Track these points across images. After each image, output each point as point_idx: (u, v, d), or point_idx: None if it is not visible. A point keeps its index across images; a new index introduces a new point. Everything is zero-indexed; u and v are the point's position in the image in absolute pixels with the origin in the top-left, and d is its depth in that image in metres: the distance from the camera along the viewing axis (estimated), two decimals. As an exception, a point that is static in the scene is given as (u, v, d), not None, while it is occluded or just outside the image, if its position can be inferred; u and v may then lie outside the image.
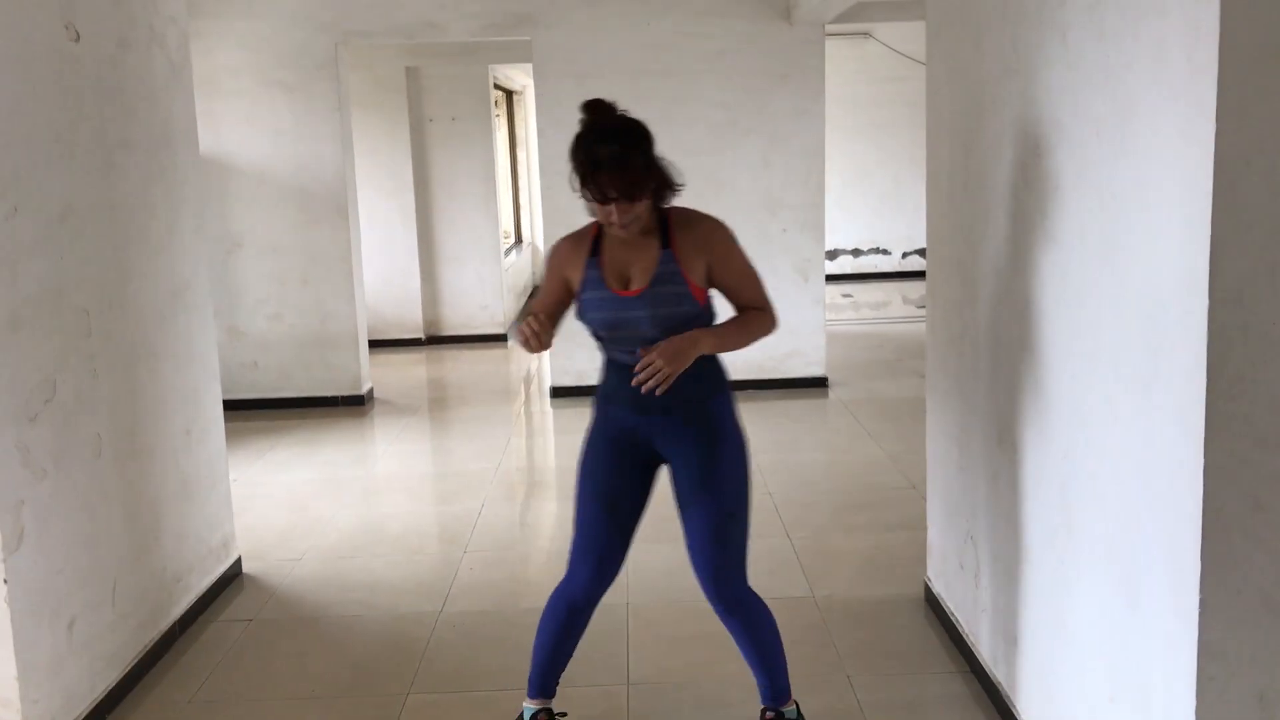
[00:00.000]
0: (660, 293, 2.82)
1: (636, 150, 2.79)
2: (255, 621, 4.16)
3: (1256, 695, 2.10)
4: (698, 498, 2.88)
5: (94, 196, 3.55)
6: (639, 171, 2.75)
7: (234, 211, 7.66)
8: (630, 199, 2.75)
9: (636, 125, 2.86)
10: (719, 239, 2.88)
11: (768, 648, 3.02)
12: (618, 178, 2.72)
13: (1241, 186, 1.95)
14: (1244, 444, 2.02)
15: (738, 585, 2.93)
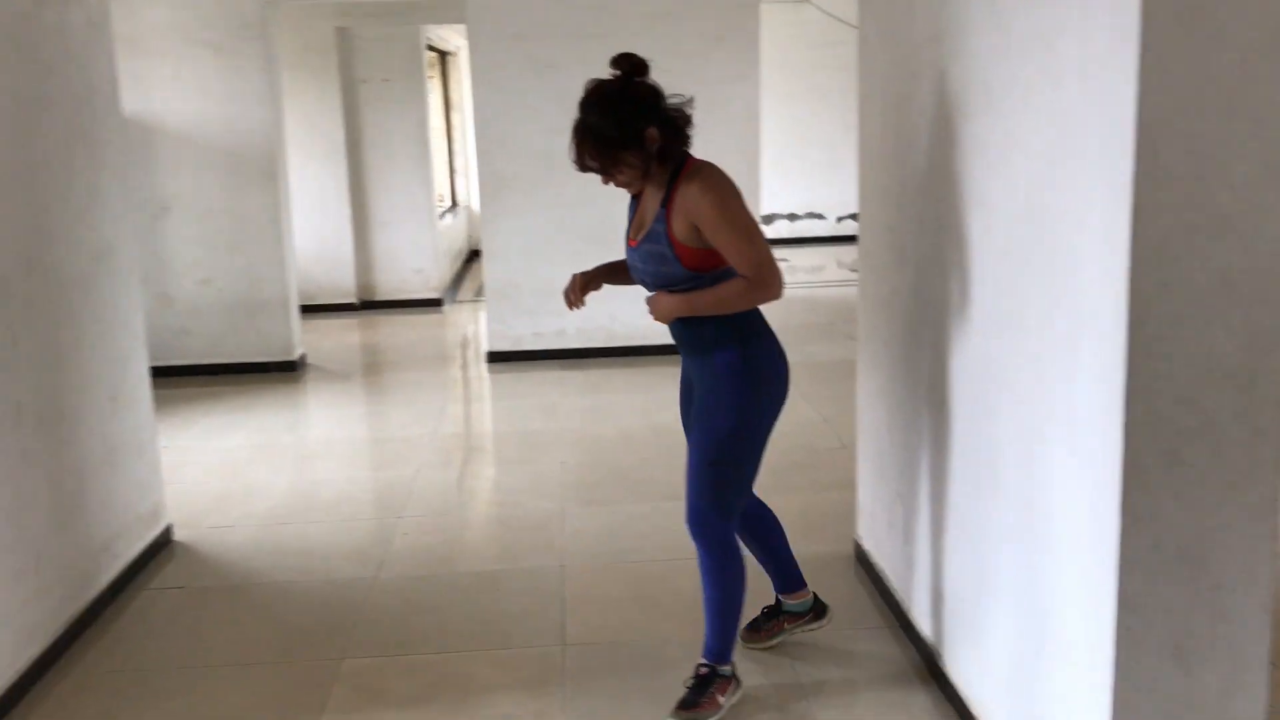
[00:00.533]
0: (648, 250, 2.95)
1: (607, 120, 2.82)
2: (186, 589, 4.11)
3: (1173, 646, 2.16)
4: (691, 438, 3.05)
5: (10, 157, 3.45)
6: (606, 146, 2.83)
7: (161, 175, 7.49)
8: (599, 171, 2.88)
9: (622, 94, 2.86)
10: (705, 202, 2.82)
11: (716, 603, 3.08)
12: (593, 149, 2.85)
13: (1162, 148, 1.98)
14: (1163, 401, 2.07)
15: (702, 521, 3.02)
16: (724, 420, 2.95)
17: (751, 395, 2.96)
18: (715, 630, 3.11)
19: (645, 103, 2.86)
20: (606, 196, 7.80)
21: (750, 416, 2.97)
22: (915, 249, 3.27)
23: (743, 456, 3.02)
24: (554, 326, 7.81)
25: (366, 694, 3.31)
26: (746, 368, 2.95)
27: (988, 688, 2.87)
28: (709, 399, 2.98)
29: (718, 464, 2.99)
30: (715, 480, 3.00)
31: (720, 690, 3.09)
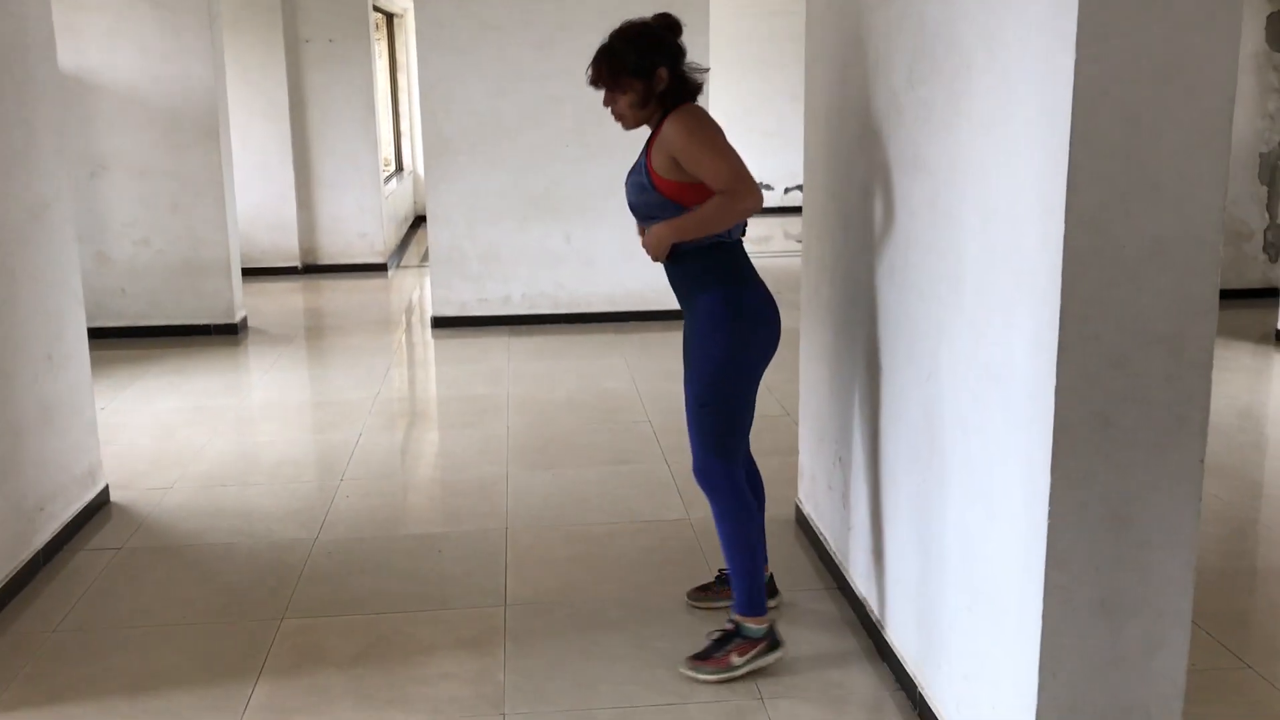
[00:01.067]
0: (633, 181, 3.11)
1: (627, 46, 3.04)
2: (123, 550, 4.07)
3: (1099, 602, 2.22)
4: (685, 381, 3.14)
5: (-59, 106, 3.37)
6: (619, 63, 3.01)
7: (98, 132, 7.34)
8: (613, 86, 3.04)
9: (648, 32, 3.08)
10: (676, 129, 2.97)
11: (730, 550, 3.14)
12: (601, 64, 3.05)
13: (1099, 115, 2.02)
14: (1095, 364, 2.11)
15: (705, 467, 3.11)
16: (710, 361, 3.04)
17: (736, 337, 3.03)
18: (737, 579, 3.15)
19: (665, 48, 3.06)
20: (553, 160, 7.82)
21: (737, 356, 3.03)
22: (858, 214, 3.30)
23: (732, 397, 3.07)
24: (499, 292, 7.78)
25: (305, 653, 3.30)
26: (729, 310, 3.02)
27: (922, 645, 2.92)
28: (696, 342, 3.08)
29: (708, 406, 3.06)
30: (710, 423, 3.08)
31: (739, 650, 3.11)
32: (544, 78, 7.50)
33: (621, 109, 3.08)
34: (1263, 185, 8.33)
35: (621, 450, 5.10)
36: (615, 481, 4.69)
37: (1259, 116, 8.22)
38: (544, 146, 7.62)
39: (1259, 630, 3.51)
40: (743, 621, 3.15)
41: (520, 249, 7.75)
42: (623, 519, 4.28)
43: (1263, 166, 8.29)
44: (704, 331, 3.05)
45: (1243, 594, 3.71)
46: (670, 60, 3.05)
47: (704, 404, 3.07)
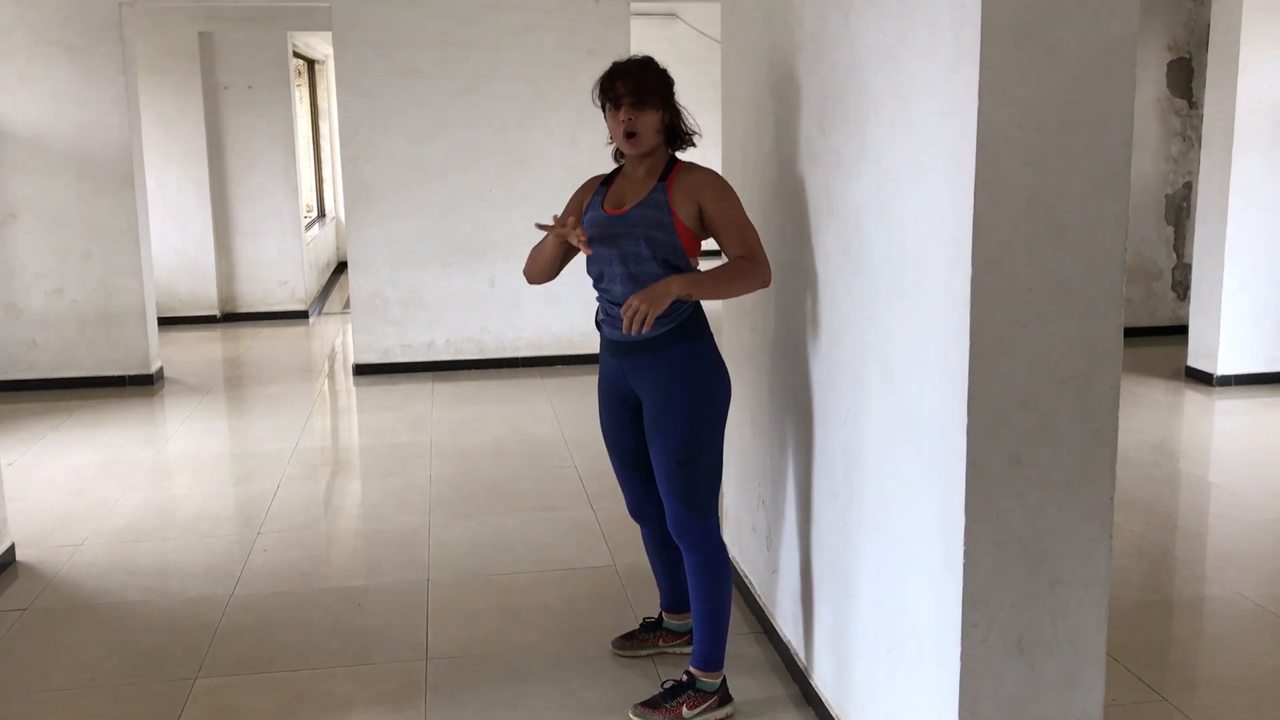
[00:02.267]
0: (644, 214, 2.98)
1: (655, 67, 3.05)
2: (29, 611, 3.93)
3: (1016, 640, 2.23)
4: (653, 442, 3.04)
5: None
6: (652, 80, 3.01)
7: (8, 179, 7.18)
8: (639, 102, 2.97)
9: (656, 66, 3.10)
10: (712, 185, 2.98)
11: (703, 606, 3.09)
12: (631, 80, 2.98)
13: (1002, 160, 2.06)
14: (1004, 403, 2.14)
15: (683, 525, 3.05)
16: (690, 418, 2.98)
17: (708, 388, 3.00)
18: (703, 635, 3.11)
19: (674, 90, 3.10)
20: (477, 205, 7.80)
21: (711, 408, 3.01)
22: (775, 259, 3.32)
23: (709, 450, 3.02)
24: (423, 338, 7.72)
25: (220, 713, 3.21)
26: (702, 362, 3.00)
27: (844, 688, 2.92)
28: (668, 399, 2.98)
29: (686, 464, 2.99)
30: (689, 480, 3.01)
31: (690, 703, 3.08)
32: (467, 123, 7.50)
33: (642, 126, 2.98)
34: (1169, 226, 8.57)
35: (546, 496, 5.06)
36: (540, 529, 4.65)
37: (1163, 159, 8.48)
38: (468, 191, 7.61)
39: (1175, 663, 3.57)
40: (699, 675, 3.12)
41: (444, 294, 7.71)
42: (547, 567, 4.23)
43: (1168, 208, 8.55)
44: (677, 386, 2.97)
45: (1158, 627, 3.77)
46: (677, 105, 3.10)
47: (682, 462, 2.99)
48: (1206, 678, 3.45)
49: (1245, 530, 4.59)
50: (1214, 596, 3.98)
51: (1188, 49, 8.35)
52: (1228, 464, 5.64)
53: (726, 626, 3.14)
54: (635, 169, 3.08)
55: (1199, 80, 8.28)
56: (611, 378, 3.15)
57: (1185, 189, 8.51)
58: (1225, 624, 3.77)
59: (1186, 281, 8.47)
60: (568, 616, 3.81)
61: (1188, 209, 8.50)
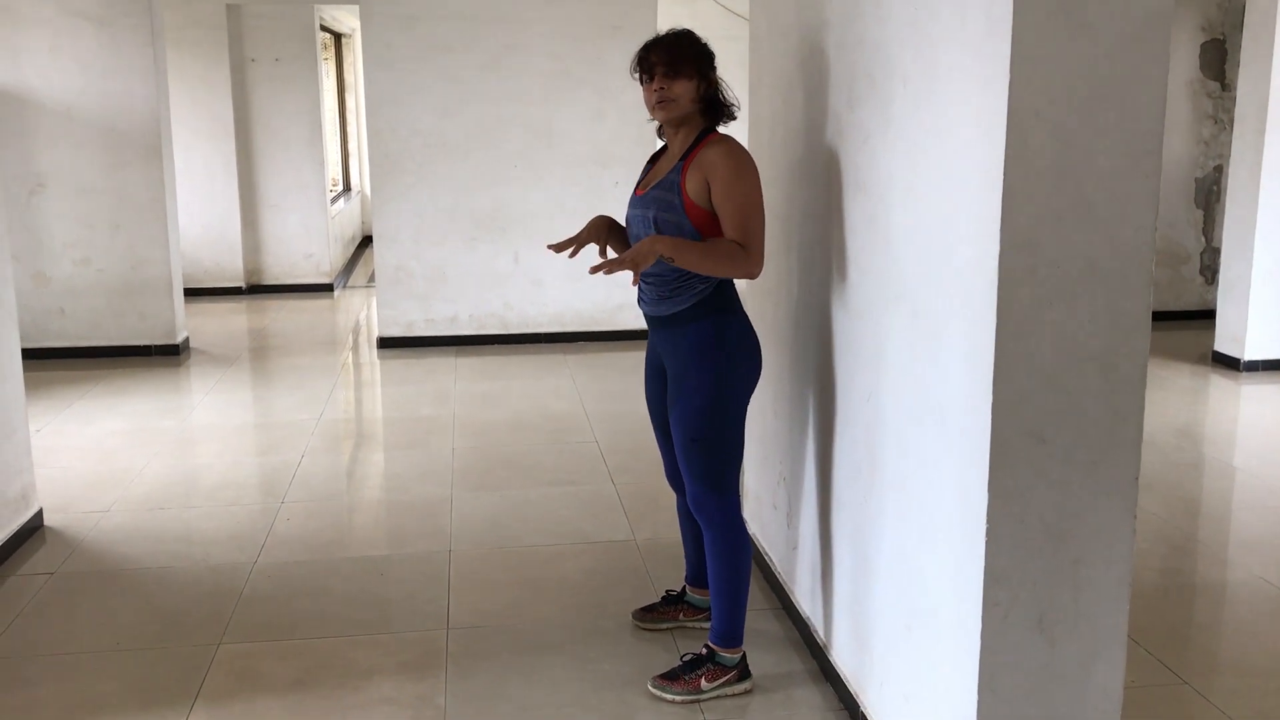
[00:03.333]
0: (656, 196, 2.97)
1: (691, 38, 3.00)
2: (57, 575, 3.98)
3: (1036, 618, 2.23)
4: (671, 415, 3.06)
5: None
6: (687, 50, 2.96)
7: (37, 150, 7.22)
8: (673, 71, 2.94)
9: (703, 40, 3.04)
10: (724, 161, 2.88)
11: (721, 583, 3.10)
12: (665, 49, 2.95)
13: (1031, 137, 2.04)
14: (1030, 381, 2.13)
15: (700, 501, 3.06)
16: (701, 395, 2.97)
17: (726, 366, 2.98)
18: (720, 611, 3.12)
19: (713, 63, 3.03)
20: (501, 181, 7.81)
21: (726, 387, 2.98)
22: (801, 236, 3.32)
23: (725, 428, 3.01)
24: (446, 313, 7.74)
25: (242, 678, 3.25)
26: (719, 339, 2.97)
27: (863, 665, 2.93)
28: (684, 374, 3.00)
29: (702, 440, 3.00)
30: (704, 457, 3.01)
31: (709, 675, 3.10)
32: (492, 99, 7.50)
33: (676, 93, 2.94)
34: (1199, 209, 8.50)
35: (567, 471, 5.08)
36: (560, 503, 4.67)
37: (1194, 142, 8.39)
38: (492, 167, 7.61)
39: (1196, 646, 3.56)
40: (717, 649, 3.14)
41: (467, 269, 7.72)
42: (567, 540, 4.25)
43: (1198, 191, 8.47)
44: (694, 363, 2.98)
45: (1181, 610, 3.76)
46: (716, 77, 3.03)
47: (696, 439, 3.00)
48: (1228, 662, 3.43)
49: (1269, 515, 4.57)
50: (1237, 581, 3.96)
51: (1221, 30, 8.25)
52: (1253, 449, 5.61)
53: (744, 604, 3.14)
54: (671, 143, 3.08)
55: (1232, 62, 8.18)
56: (651, 348, 3.23)
57: (1216, 172, 8.42)
58: (1248, 609, 3.75)
59: (1215, 266, 8.40)
60: (587, 589, 3.83)
61: (1218, 193, 8.41)
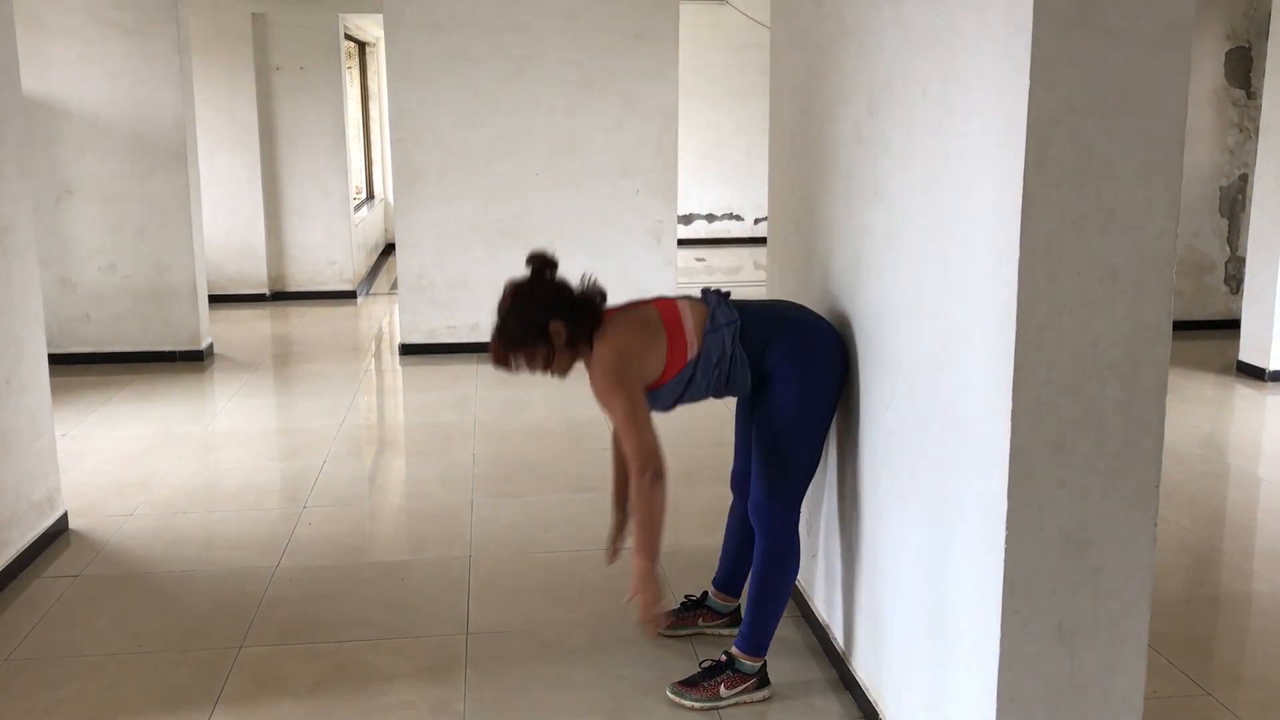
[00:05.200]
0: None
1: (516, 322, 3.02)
2: (81, 578, 4.02)
3: (1055, 627, 2.22)
4: (754, 424, 3.08)
5: (-99, 129, 3.35)
6: (515, 343, 3.01)
7: (64, 157, 7.30)
8: (527, 360, 3.04)
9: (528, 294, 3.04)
10: (593, 379, 2.98)
11: (757, 590, 3.12)
12: (499, 346, 3.06)
13: (1052, 144, 2.04)
14: (1049, 390, 2.13)
15: (761, 515, 3.08)
16: (778, 410, 3.00)
17: (805, 384, 2.99)
18: (752, 619, 3.14)
19: (549, 300, 2.99)
20: (523, 190, 7.84)
21: (805, 404, 2.99)
22: (821, 244, 3.32)
23: (798, 445, 3.03)
24: (468, 320, 7.77)
25: (263, 682, 3.27)
26: (797, 362, 2.99)
27: (883, 674, 2.92)
28: (767, 388, 3.02)
29: (775, 452, 3.03)
30: (772, 469, 3.04)
31: (729, 683, 3.11)
32: (514, 108, 7.53)
33: (548, 366, 3.04)
34: (1223, 218, 8.44)
35: (587, 477, 5.08)
36: (581, 509, 4.68)
37: (1219, 151, 8.34)
38: (514, 176, 7.64)
39: (1219, 657, 3.53)
40: (739, 656, 3.14)
41: (489, 277, 7.74)
42: (588, 546, 4.26)
43: (1223, 200, 8.41)
44: (775, 381, 3.00)
45: (1204, 621, 3.73)
46: (558, 307, 2.99)
47: (772, 451, 3.03)
48: (1252, 674, 3.41)
49: (1294, 527, 4.53)
50: (1261, 593, 3.93)
51: (1246, 38, 8.21)
52: (1278, 460, 5.56)
53: (777, 618, 3.16)
54: None
55: (1258, 70, 8.13)
56: None
57: (1241, 181, 8.37)
58: (1272, 620, 3.72)
59: (1239, 275, 8.34)
60: (607, 596, 3.83)
61: (1243, 201, 8.36)
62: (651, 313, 3.04)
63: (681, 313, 3.03)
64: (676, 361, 2.98)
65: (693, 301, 3.09)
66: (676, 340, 2.98)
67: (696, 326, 3.00)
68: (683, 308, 3.05)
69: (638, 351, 2.95)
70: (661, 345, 2.97)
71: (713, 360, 2.99)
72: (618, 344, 2.95)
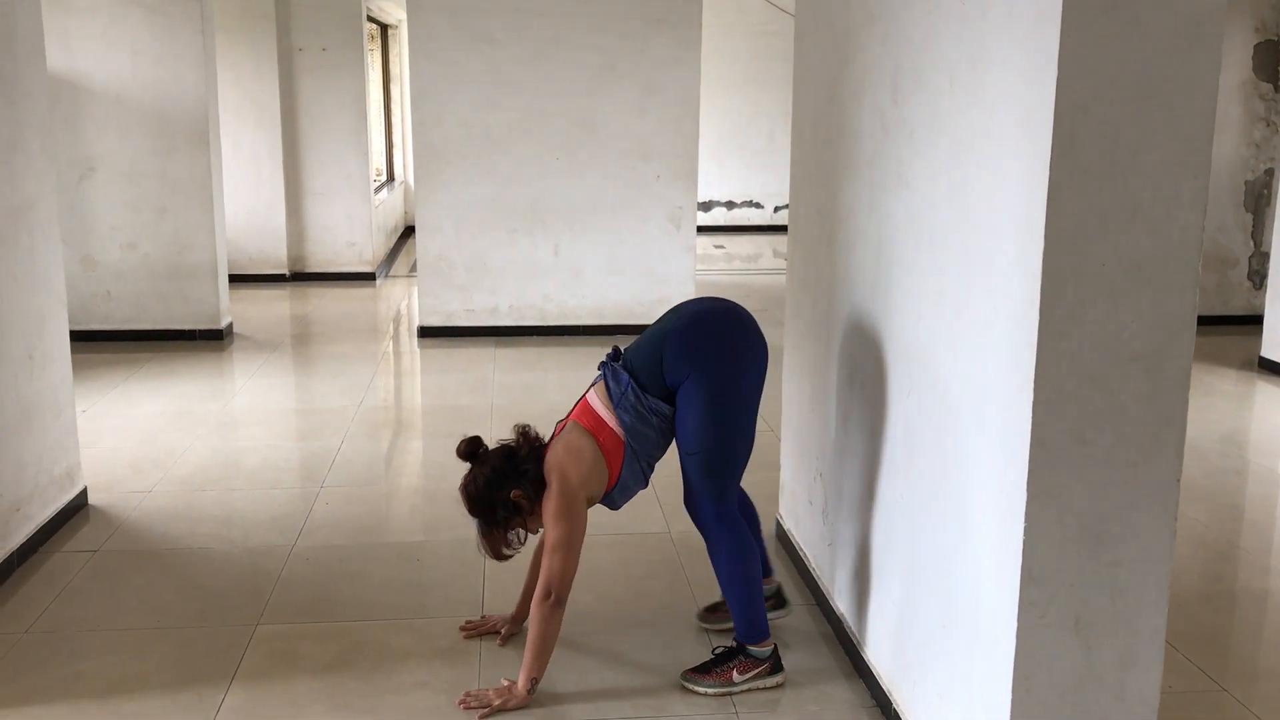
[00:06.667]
0: None
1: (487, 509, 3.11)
2: (100, 553, 4.04)
3: (1072, 619, 2.22)
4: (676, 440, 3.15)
5: (-73, 103, 3.36)
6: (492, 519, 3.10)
7: (87, 134, 7.33)
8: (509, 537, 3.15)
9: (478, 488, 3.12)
10: (545, 509, 3.05)
11: (726, 582, 3.16)
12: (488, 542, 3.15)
13: (1079, 133, 2.03)
14: (1072, 380, 2.12)
15: (696, 515, 3.15)
16: (691, 417, 3.03)
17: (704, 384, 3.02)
18: (734, 610, 3.17)
19: (496, 479, 3.08)
20: (543, 173, 7.83)
21: (715, 402, 3.01)
22: (843, 232, 3.31)
23: (723, 441, 3.05)
24: (486, 303, 7.77)
25: (279, 659, 3.28)
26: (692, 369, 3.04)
27: (897, 662, 2.92)
28: (681, 398, 3.05)
29: (695, 455, 3.06)
30: (693, 470, 3.08)
31: (741, 668, 3.13)
32: (535, 91, 7.52)
33: (532, 528, 3.15)
34: (1248, 213, 8.37)
35: (604, 463, 5.08)
36: (597, 494, 4.67)
37: (1245, 144, 8.27)
38: (534, 159, 7.64)
39: (1236, 654, 3.52)
40: (747, 645, 3.16)
41: (508, 260, 7.75)
42: (601, 531, 4.25)
43: (1248, 194, 8.34)
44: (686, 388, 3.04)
45: (1221, 617, 3.72)
46: (508, 476, 3.08)
47: (691, 454, 3.07)
48: (1268, 670, 3.39)
49: (1314, 524, 4.50)
50: (1279, 589, 3.91)
51: (1276, 31, 8.13)
52: (1298, 457, 5.52)
53: (759, 597, 3.17)
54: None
55: (1286, 64, 8.05)
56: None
57: (1266, 175, 8.30)
58: (1289, 617, 3.71)
59: (1263, 270, 8.27)
60: (621, 580, 3.85)
61: (1268, 196, 8.29)
62: (575, 432, 3.10)
63: (595, 408, 3.11)
64: (614, 454, 3.06)
65: (598, 385, 3.16)
66: (603, 434, 3.06)
67: (608, 407, 3.09)
68: (593, 400, 3.13)
69: (582, 479, 3.04)
70: (597, 454, 3.05)
71: (637, 425, 3.06)
72: (564, 479, 3.03)
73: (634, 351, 3.15)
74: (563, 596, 3.01)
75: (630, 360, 3.13)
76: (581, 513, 3.05)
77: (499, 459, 3.12)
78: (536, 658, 3.01)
